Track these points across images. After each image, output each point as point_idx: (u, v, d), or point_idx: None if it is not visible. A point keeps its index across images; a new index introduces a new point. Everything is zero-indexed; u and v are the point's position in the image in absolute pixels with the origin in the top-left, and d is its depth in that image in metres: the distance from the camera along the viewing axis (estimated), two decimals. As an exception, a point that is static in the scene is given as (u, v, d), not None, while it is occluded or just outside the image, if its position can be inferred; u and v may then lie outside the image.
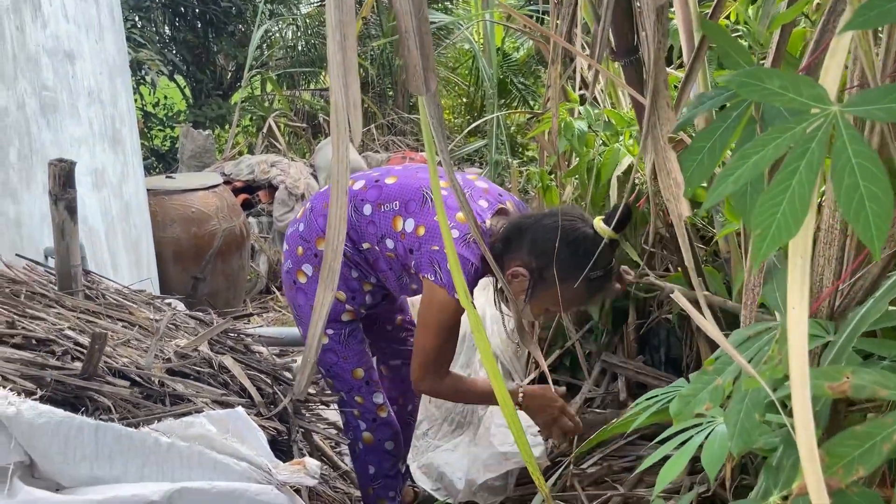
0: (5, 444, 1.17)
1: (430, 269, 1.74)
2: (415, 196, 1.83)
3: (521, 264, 1.73)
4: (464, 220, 1.74)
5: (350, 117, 1.06)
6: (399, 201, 1.83)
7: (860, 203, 0.60)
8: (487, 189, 1.93)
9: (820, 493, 0.63)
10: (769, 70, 0.71)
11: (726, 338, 0.92)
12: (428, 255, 1.76)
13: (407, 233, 1.80)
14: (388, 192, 1.86)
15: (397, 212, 1.83)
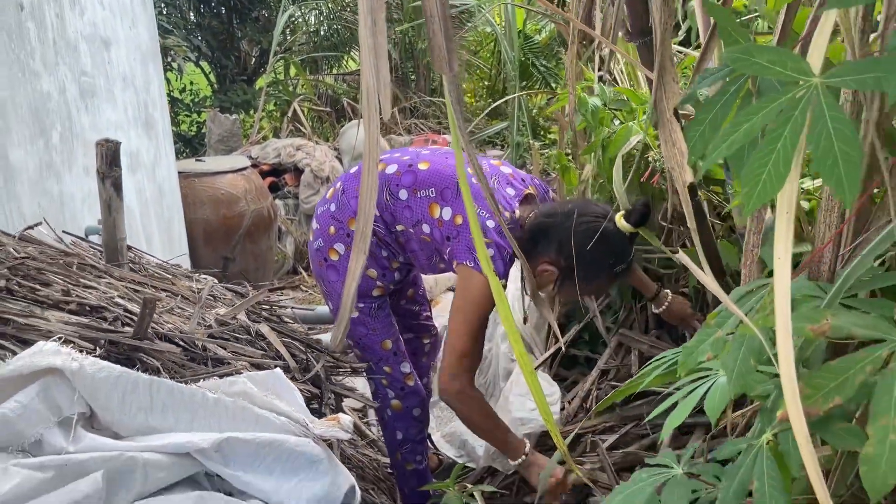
0: (69, 396, 1.28)
1: (470, 255, 1.84)
2: (449, 185, 1.92)
3: (550, 262, 1.84)
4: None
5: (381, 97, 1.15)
6: (435, 188, 1.93)
7: (834, 162, 0.68)
8: (513, 175, 2.01)
9: (799, 419, 0.71)
10: (760, 46, 0.79)
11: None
12: (466, 243, 1.85)
13: (445, 221, 1.90)
14: (423, 178, 1.95)
15: (434, 199, 1.92)
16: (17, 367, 1.26)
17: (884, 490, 0.68)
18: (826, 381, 0.74)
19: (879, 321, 0.75)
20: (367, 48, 1.09)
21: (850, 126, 0.69)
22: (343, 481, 1.47)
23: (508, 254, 1.87)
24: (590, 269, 1.78)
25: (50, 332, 1.44)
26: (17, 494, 1.05)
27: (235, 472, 1.33)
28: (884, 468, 0.68)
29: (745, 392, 0.90)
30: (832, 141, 0.69)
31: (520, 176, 2.04)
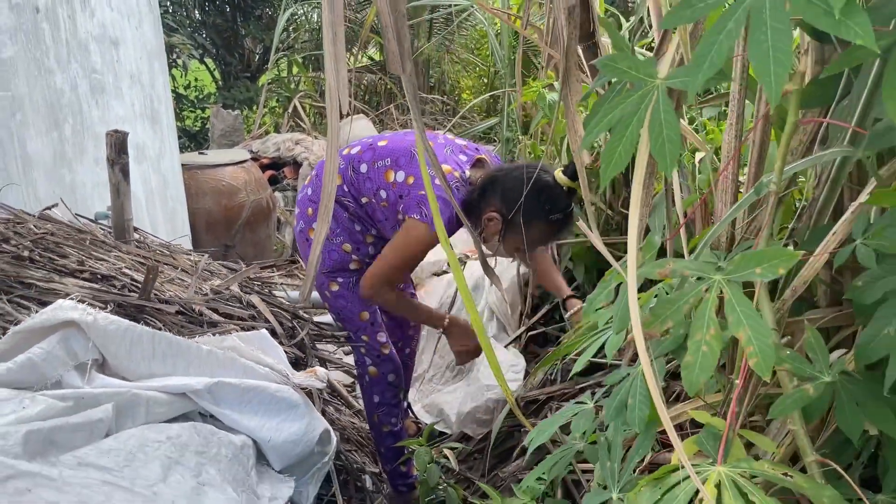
0: (84, 345, 1.52)
1: (417, 209, 2.07)
2: (404, 153, 2.16)
3: (495, 210, 2.06)
4: (448, 170, 2.07)
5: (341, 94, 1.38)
6: (391, 158, 2.17)
7: (662, 143, 0.91)
8: (466, 145, 2.26)
9: (640, 340, 0.95)
10: (622, 55, 1.01)
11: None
12: (416, 198, 2.08)
13: (398, 182, 2.14)
14: (381, 151, 2.20)
15: (389, 166, 2.16)
16: (41, 320, 1.50)
17: (696, 387, 0.91)
18: (664, 311, 0.97)
19: (705, 265, 0.98)
20: (329, 55, 1.32)
21: (675, 116, 0.92)
22: (318, 424, 1.71)
23: (453, 213, 2.06)
24: (527, 215, 1.97)
25: (68, 294, 1.68)
26: (43, 416, 1.29)
27: (224, 411, 1.56)
28: (697, 371, 0.91)
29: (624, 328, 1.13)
30: (662, 128, 0.92)
31: (473, 146, 2.28)
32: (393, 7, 1.34)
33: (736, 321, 0.88)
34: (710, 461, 0.98)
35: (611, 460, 1.20)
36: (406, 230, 2.10)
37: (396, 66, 1.36)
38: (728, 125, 1.42)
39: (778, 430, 1.29)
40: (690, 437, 1.05)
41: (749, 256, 0.93)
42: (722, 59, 0.84)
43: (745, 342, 0.87)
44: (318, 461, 1.76)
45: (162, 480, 1.25)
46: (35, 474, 1.08)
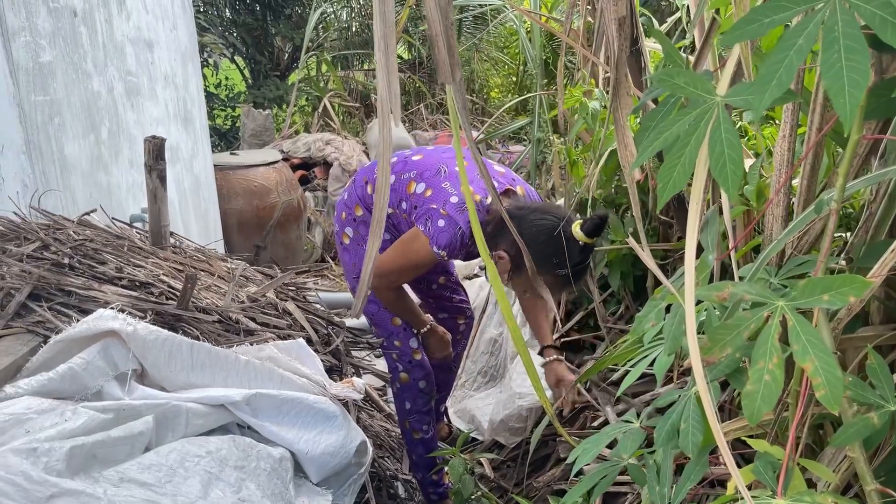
0: (125, 355, 1.52)
1: (423, 221, 2.06)
2: (431, 168, 2.15)
3: (505, 249, 2.01)
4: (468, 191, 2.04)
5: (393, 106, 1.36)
6: (416, 170, 2.16)
7: (724, 164, 0.87)
8: (503, 173, 2.23)
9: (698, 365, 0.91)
10: (679, 70, 0.97)
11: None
12: (425, 210, 2.07)
13: (417, 194, 2.13)
14: (411, 164, 2.19)
15: (413, 178, 2.15)
16: (82, 329, 1.51)
17: (759, 417, 0.88)
18: (722, 336, 0.94)
19: (764, 290, 0.94)
20: (381, 67, 1.30)
21: (737, 135, 0.88)
22: (356, 436, 1.69)
23: (461, 231, 2.02)
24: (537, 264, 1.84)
25: (107, 302, 1.68)
26: (85, 429, 1.28)
27: (263, 423, 1.56)
28: (759, 402, 0.88)
29: (675, 349, 1.10)
30: (724, 147, 0.88)
31: (510, 176, 2.24)
32: (443, 16, 1.31)
33: (802, 351, 0.85)
34: (769, 493, 0.94)
35: (660, 484, 1.17)
36: (410, 237, 2.10)
37: (446, 74, 1.34)
38: (781, 137, 1.37)
39: (833, 455, 1.24)
40: (747, 466, 1.01)
41: (815, 282, 0.89)
42: (791, 78, 0.81)
43: (813, 373, 0.83)
44: (354, 473, 1.75)
45: (202, 497, 1.24)
46: (79, 493, 1.07)
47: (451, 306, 2.74)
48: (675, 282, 1.21)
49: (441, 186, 2.09)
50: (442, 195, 2.07)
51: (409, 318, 2.36)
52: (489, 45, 8.52)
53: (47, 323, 1.64)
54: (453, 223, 2.02)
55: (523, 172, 5.60)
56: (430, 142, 6.25)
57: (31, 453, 1.11)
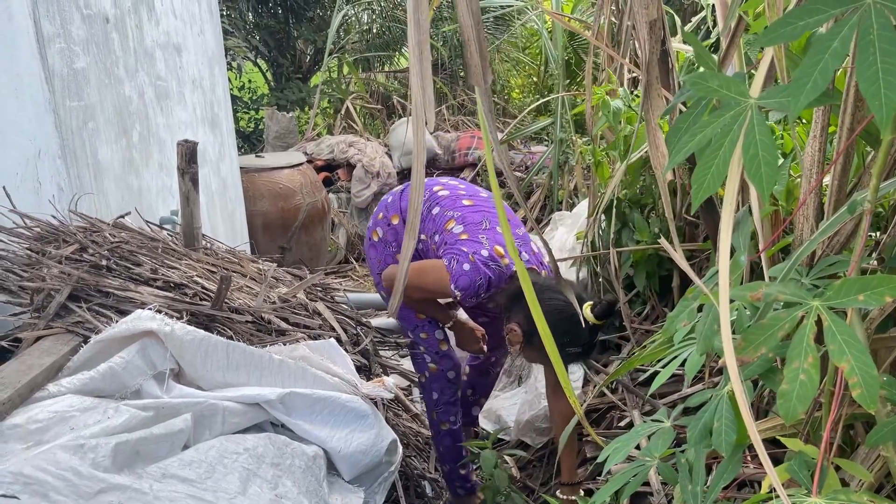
0: (162, 354, 1.56)
1: (449, 258, 2.15)
2: (476, 218, 2.24)
3: (517, 324, 2.11)
4: (499, 253, 2.14)
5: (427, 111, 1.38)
6: (461, 213, 2.25)
7: (758, 166, 0.88)
8: (535, 252, 2.30)
9: (732, 364, 0.93)
10: (712, 73, 0.98)
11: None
12: (455, 250, 2.16)
13: (453, 233, 2.21)
14: (459, 206, 2.27)
15: (454, 218, 2.24)
16: (121, 329, 1.54)
17: (794, 416, 0.88)
18: (757, 336, 0.94)
19: (799, 290, 0.95)
20: (416, 73, 1.33)
21: (771, 138, 0.89)
22: (387, 434, 1.72)
23: (481, 282, 2.10)
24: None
25: (143, 303, 1.72)
26: (127, 426, 1.32)
27: (296, 421, 1.58)
28: (794, 401, 0.88)
29: (707, 350, 1.11)
30: (758, 149, 0.89)
31: (540, 258, 2.30)
32: (475, 21, 1.34)
33: (838, 350, 0.86)
34: (805, 491, 0.95)
35: (693, 483, 1.18)
36: (434, 266, 2.18)
37: (478, 78, 1.36)
38: (811, 137, 1.38)
39: (866, 454, 1.25)
40: (781, 465, 1.02)
41: (851, 283, 0.90)
42: (827, 81, 0.82)
43: (849, 373, 0.84)
44: (384, 471, 1.77)
45: (241, 493, 1.27)
46: (126, 487, 1.11)
47: (490, 310, 2.76)
48: (706, 282, 1.22)
49: (478, 237, 2.18)
50: (475, 245, 2.16)
51: (431, 313, 2.43)
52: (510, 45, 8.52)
53: (86, 323, 1.68)
54: (476, 273, 2.11)
55: (545, 172, 5.61)
56: (452, 143, 6.27)
57: (79, 449, 1.14)
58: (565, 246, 3.36)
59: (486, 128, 1.39)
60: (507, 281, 2.15)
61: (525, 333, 2.09)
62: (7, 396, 1.33)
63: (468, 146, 6.20)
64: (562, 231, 3.53)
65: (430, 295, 2.28)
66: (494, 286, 2.15)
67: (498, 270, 2.13)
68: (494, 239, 2.18)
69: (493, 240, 2.17)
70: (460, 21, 1.34)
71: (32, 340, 1.62)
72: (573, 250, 3.26)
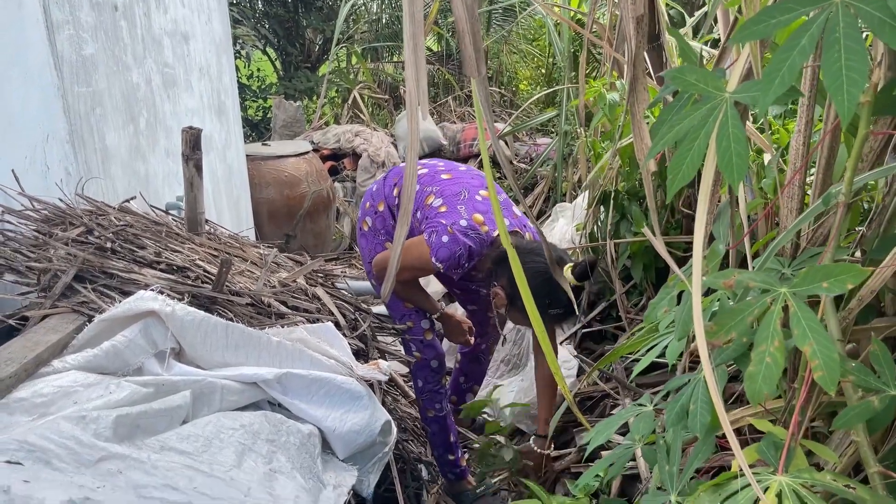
0: (164, 333, 1.61)
1: (429, 232, 2.21)
2: (454, 189, 2.28)
3: (502, 287, 2.18)
4: (478, 220, 2.18)
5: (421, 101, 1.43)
6: (439, 187, 2.30)
7: (730, 157, 0.92)
8: (518, 216, 2.36)
9: (703, 348, 0.97)
10: (691, 67, 1.02)
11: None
12: (434, 223, 2.21)
13: (432, 206, 2.27)
14: (437, 181, 2.33)
15: (433, 192, 2.30)
16: (124, 309, 1.59)
17: (760, 397, 0.93)
18: (728, 321, 0.98)
19: (768, 277, 0.99)
20: (411, 64, 1.37)
21: (743, 131, 0.93)
22: (380, 415, 1.76)
23: (460, 252, 2.15)
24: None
25: (147, 285, 1.77)
26: (129, 401, 1.37)
27: (293, 401, 1.63)
28: (760, 382, 0.93)
29: (686, 334, 1.15)
30: (730, 142, 0.93)
31: (525, 222, 2.36)
32: (469, 13, 1.37)
33: (801, 334, 0.90)
34: (771, 470, 0.99)
35: (669, 464, 1.22)
36: (414, 242, 2.22)
37: (472, 69, 1.40)
38: (796, 131, 1.41)
39: (840, 440, 1.29)
40: (751, 445, 1.06)
41: (816, 270, 0.94)
42: (793, 77, 0.85)
43: (811, 356, 0.88)
44: (379, 451, 1.82)
45: (237, 466, 1.32)
46: (125, 456, 1.16)
47: (478, 299, 2.80)
48: (687, 270, 1.26)
49: (456, 208, 2.24)
50: (454, 216, 2.21)
51: (419, 304, 2.48)
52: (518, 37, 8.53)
53: (91, 303, 1.73)
54: (456, 242, 2.16)
55: (550, 164, 5.63)
56: (457, 133, 6.30)
57: (81, 420, 1.19)
58: (565, 237, 3.40)
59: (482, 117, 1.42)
60: (489, 247, 2.21)
61: (508, 296, 2.16)
62: (13, 371, 1.39)
63: (473, 137, 6.23)
64: (562, 223, 3.57)
65: (416, 272, 2.32)
66: (476, 254, 2.20)
67: (478, 238, 2.18)
68: (473, 208, 2.23)
69: (471, 209, 2.22)
70: (455, 13, 1.37)
71: (39, 319, 1.67)
72: (572, 242, 3.30)
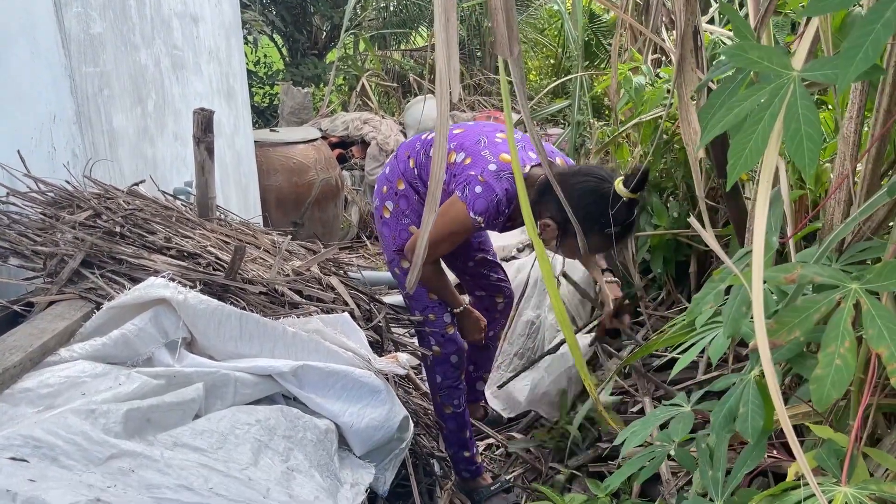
0: (175, 322, 1.54)
1: (461, 187, 2.06)
2: (471, 139, 2.16)
3: (550, 216, 2.01)
4: (506, 160, 2.05)
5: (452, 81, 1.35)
6: (457, 142, 2.17)
7: (800, 141, 0.85)
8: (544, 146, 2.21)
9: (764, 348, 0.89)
10: (752, 44, 0.94)
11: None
12: (464, 178, 2.07)
13: (457, 163, 2.14)
14: (451, 137, 2.20)
15: (452, 149, 2.16)
16: (134, 296, 1.53)
17: (828, 402, 0.85)
18: (791, 319, 0.91)
19: (836, 272, 0.91)
20: (441, 42, 1.29)
21: (816, 112, 0.85)
22: (399, 410, 1.70)
23: (497, 198, 2.02)
24: (582, 225, 1.75)
25: (157, 271, 1.70)
26: (139, 393, 1.30)
27: (309, 395, 1.57)
28: (829, 386, 0.85)
29: (735, 333, 1.08)
30: (800, 124, 0.86)
31: (549, 149, 2.24)
32: (504, -10, 1.29)
33: (877, 335, 0.82)
34: (834, 480, 0.92)
35: (713, 469, 1.15)
36: (447, 206, 2.08)
37: (504, 48, 1.32)
38: (847, 118, 1.33)
39: (892, 444, 1.22)
40: (809, 453, 0.99)
41: (892, 266, 0.87)
42: (878, 52, 0.78)
43: (888, 359, 0.81)
44: (396, 447, 1.75)
45: (253, 464, 1.25)
46: (137, 454, 1.09)
47: (488, 284, 2.73)
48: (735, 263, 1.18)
49: (481, 154, 2.10)
50: (481, 163, 2.08)
51: (444, 296, 2.37)
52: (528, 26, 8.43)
53: (99, 289, 1.66)
54: (490, 189, 2.02)
55: (562, 156, 5.54)
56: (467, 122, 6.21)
57: (90, 414, 1.13)
58: (580, 229, 3.33)
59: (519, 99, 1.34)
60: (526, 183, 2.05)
61: (559, 224, 2.00)
62: (18, 360, 1.32)
63: (485, 124, 6.15)
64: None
65: (456, 237, 2.15)
66: (514, 194, 2.05)
67: (512, 177, 2.05)
68: (497, 150, 2.10)
69: (495, 151, 2.10)
70: (489, -11, 1.30)
71: (45, 305, 1.60)
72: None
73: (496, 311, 2.77)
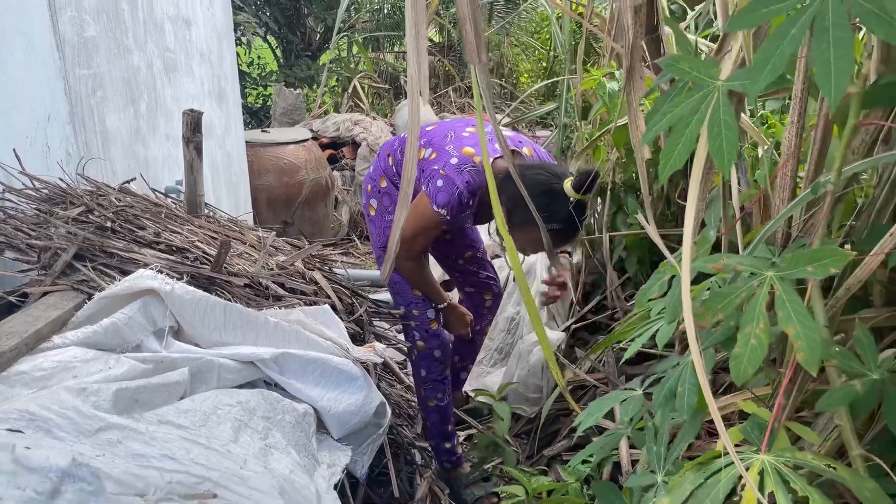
0: (163, 312, 1.63)
1: (426, 183, 2.14)
2: (440, 134, 2.24)
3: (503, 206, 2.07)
4: (469, 153, 2.12)
5: (422, 87, 1.44)
6: (427, 139, 2.25)
7: (720, 143, 0.95)
8: (510, 136, 2.31)
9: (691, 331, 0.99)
10: (685, 56, 1.04)
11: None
12: (429, 172, 2.16)
13: (425, 158, 2.22)
14: (424, 133, 2.29)
15: (423, 145, 2.24)
16: (124, 287, 1.62)
17: (745, 378, 0.95)
18: (715, 304, 1.01)
19: (756, 261, 1.01)
20: (412, 50, 1.39)
21: (734, 118, 0.95)
22: (375, 397, 1.79)
23: (458, 190, 2.08)
24: (525, 219, 1.83)
25: (146, 264, 1.79)
26: (128, 376, 1.39)
27: (289, 380, 1.66)
28: (745, 363, 0.95)
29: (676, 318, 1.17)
30: (721, 128, 0.96)
31: (517, 138, 2.30)
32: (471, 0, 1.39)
33: (786, 317, 0.92)
34: (755, 449, 1.02)
35: (657, 445, 1.25)
36: (416, 201, 2.16)
37: (473, 55, 1.41)
38: (789, 122, 1.43)
39: (824, 425, 1.31)
40: (736, 426, 1.09)
41: (801, 255, 0.96)
42: (783, 65, 0.87)
43: (794, 337, 0.91)
44: (373, 433, 1.85)
45: (233, 441, 1.34)
46: (124, 427, 1.18)
47: (477, 281, 2.82)
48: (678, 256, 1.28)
49: (444, 149, 2.17)
50: (444, 157, 2.15)
51: (427, 291, 2.45)
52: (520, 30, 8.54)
53: (91, 281, 1.75)
54: (451, 183, 2.09)
55: (548, 157, 5.64)
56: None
57: (82, 392, 1.22)
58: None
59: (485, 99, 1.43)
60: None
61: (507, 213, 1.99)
62: (14, 344, 1.41)
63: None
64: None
65: (428, 232, 2.20)
66: (476, 187, 2.10)
67: (473, 170, 2.11)
68: (461, 143, 2.16)
69: (459, 145, 2.15)
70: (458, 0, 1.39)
71: (39, 295, 1.69)
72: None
73: (484, 308, 2.86)
